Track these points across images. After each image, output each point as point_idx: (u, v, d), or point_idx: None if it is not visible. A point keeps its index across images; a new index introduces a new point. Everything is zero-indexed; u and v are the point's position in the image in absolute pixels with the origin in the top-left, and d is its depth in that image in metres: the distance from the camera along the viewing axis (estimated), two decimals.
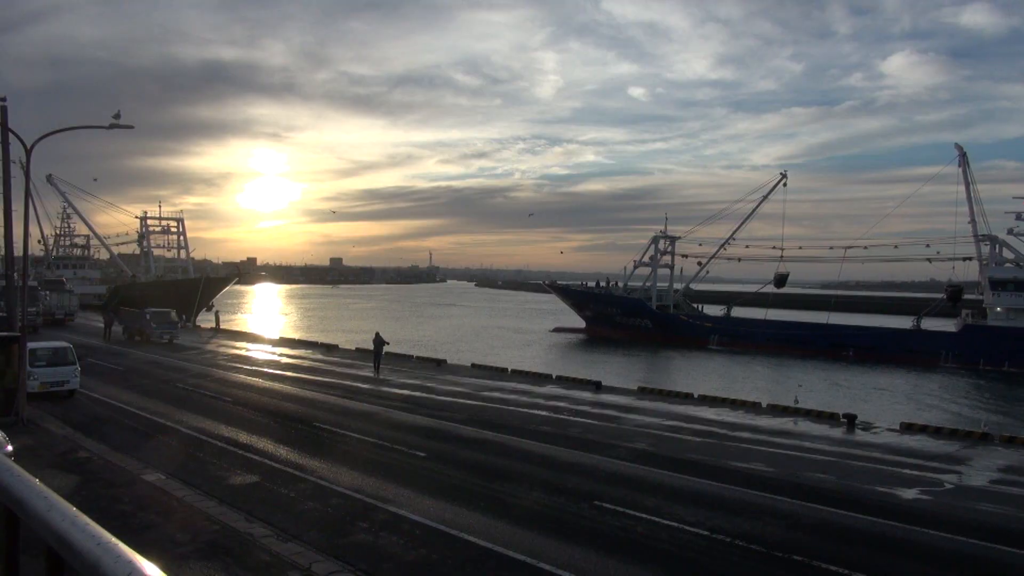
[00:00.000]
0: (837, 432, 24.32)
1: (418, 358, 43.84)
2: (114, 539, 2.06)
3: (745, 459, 19.54)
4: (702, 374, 52.73)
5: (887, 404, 40.38)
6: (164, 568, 1.96)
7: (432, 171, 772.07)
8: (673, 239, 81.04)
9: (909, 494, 16.60)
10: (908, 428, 25.51)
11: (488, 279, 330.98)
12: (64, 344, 27.72)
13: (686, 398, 30.96)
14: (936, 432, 24.93)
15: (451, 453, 19.43)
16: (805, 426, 25.28)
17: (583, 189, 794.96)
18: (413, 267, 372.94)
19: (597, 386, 33.15)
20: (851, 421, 25.52)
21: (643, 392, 32.65)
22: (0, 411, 20.60)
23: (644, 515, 14.32)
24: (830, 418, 26.64)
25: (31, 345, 24.33)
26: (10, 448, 14.08)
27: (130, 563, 1.95)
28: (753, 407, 28.96)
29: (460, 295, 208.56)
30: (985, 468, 19.74)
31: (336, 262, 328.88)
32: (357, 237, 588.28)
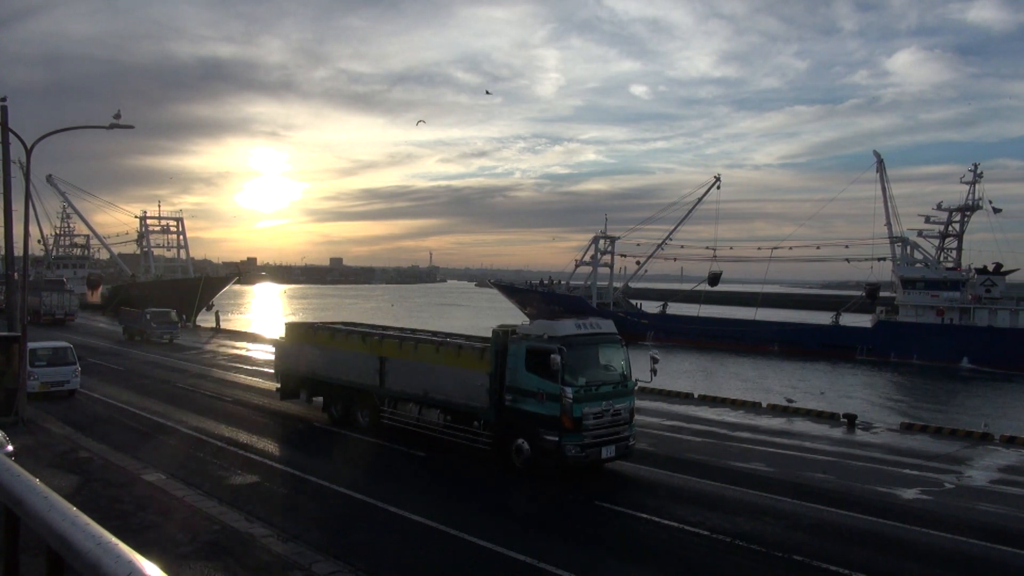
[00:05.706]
0: (837, 432, 24.34)
1: None
2: (114, 539, 2.07)
3: (745, 459, 19.54)
4: (635, 368, 53.60)
5: (808, 394, 40.58)
6: (164, 568, 1.97)
7: (432, 170, 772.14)
8: (613, 239, 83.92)
9: (909, 494, 16.60)
10: (908, 428, 25.54)
11: (488, 279, 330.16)
12: (64, 344, 27.68)
13: (686, 398, 30.99)
14: (936, 432, 24.95)
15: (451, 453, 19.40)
16: (805, 426, 25.28)
17: (584, 188, 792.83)
18: (413, 267, 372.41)
19: None
20: (851, 421, 25.54)
21: (643, 392, 32.54)
22: (0, 411, 20.58)
23: (644, 515, 14.32)
24: (830, 418, 26.65)
25: (31, 345, 24.30)
26: (10, 448, 14.06)
27: (130, 563, 1.95)
28: (753, 407, 28.98)
29: (459, 295, 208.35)
30: (985, 468, 19.75)
31: (336, 262, 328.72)
32: (357, 237, 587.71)
